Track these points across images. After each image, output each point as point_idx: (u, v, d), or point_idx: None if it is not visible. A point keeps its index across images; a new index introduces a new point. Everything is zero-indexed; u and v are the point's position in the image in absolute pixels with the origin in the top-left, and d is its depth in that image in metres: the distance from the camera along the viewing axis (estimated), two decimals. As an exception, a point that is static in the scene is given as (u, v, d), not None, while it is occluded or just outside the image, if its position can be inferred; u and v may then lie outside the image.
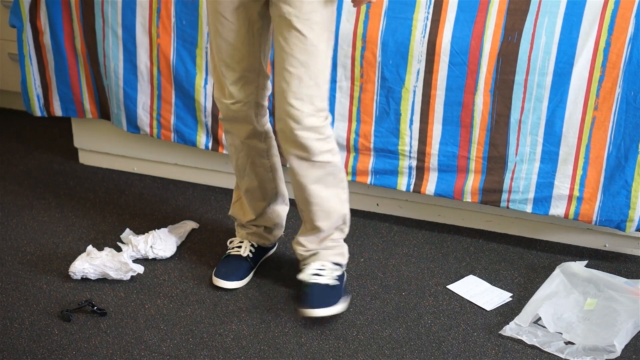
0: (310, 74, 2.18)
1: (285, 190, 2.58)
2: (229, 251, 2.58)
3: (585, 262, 2.58)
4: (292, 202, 2.96)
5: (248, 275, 2.55)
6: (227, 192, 3.02)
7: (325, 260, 2.43)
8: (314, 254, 2.43)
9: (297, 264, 2.63)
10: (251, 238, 2.59)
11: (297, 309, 2.37)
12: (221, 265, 2.54)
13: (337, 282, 2.41)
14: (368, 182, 2.76)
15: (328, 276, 2.40)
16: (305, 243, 2.43)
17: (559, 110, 2.51)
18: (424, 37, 2.55)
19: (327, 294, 2.37)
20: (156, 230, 2.67)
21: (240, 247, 2.57)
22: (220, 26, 2.25)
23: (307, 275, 2.40)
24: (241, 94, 2.32)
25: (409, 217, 2.89)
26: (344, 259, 2.48)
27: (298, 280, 2.42)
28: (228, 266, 2.54)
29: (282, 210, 2.59)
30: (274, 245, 2.68)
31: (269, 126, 2.45)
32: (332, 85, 2.67)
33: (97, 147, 3.15)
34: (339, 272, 2.44)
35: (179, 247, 2.69)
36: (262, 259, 2.63)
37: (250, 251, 2.57)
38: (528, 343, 2.30)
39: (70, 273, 2.51)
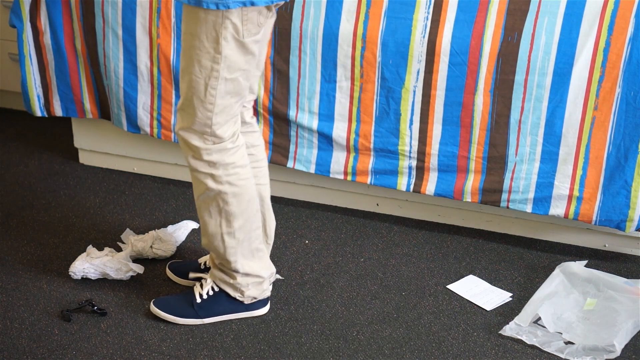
0: (186, 76, 2.13)
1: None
2: None
3: (585, 262, 2.58)
4: (288, 202, 2.96)
5: None
6: (227, 192, 3.02)
7: (212, 278, 2.37)
8: (210, 266, 2.42)
9: (296, 265, 2.63)
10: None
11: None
12: None
13: (199, 300, 2.36)
14: (368, 182, 2.76)
15: (199, 291, 2.37)
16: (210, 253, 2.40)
17: (559, 110, 2.51)
18: (424, 37, 2.55)
19: (182, 303, 2.37)
20: (156, 230, 2.67)
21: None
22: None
23: (193, 275, 2.45)
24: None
25: (409, 217, 2.89)
26: (232, 291, 2.35)
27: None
28: None
29: None
30: None
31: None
32: (332, 85, 2.67)
33: (97, 147, 3.15)
34: (212, 293, 2.36)
35: (179, 247, 2.69)
36: None
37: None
38: (528, 343, 2.30)
39: (70, 273, 2.51)
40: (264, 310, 2.40)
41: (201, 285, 2.38)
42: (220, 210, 2.24)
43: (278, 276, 2.51)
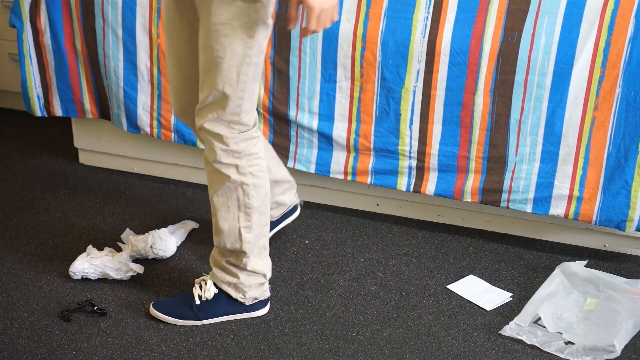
0: (209, 79, 2.14)
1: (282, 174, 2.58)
2: None
3: (585, 262, 2.58)
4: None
5: None
6: (227, 192, 3.02)
7: (213, 279, 2.37)
8: (211, 269, 2.39)
9: (296, 265, 2.64)
10: None
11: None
12: None
13: (198, 302, 2.35)
14: (368, 182, 2.76)
15: (198, 293, 2.37)
16: (213, 253, 2.39)
17: (559, 110, 2.51)
18: (424, 37, 2.55)
19: (181, 305, 2.37)
20: (156, 230, 2.67)
21: None
22: (171, 29, 2.24)
23: (197, 280, 2.40)
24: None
25: (409, 217, 2.89)
26: (234, 292, 2.35)
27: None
28: None
29: (275, 188, 2.58)
30: (283, 218, 2.67)
31: None
32: (332, 85, 2.67)
33: (97, 147, 3.15)
34: (210, 296, 2.35)
35: (179, 247, 2.69)
36: (273, 231, 2.65)
37: None
38: (528, 343, 2.30)
39: (70, 273, 2.51)
40: (264, 310, 2.40)
41: (200, 287, 2.38)
42: (239, 204, 2.25)
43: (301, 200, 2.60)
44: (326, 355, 2.27)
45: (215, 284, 2.37)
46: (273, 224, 2.66)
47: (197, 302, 2.36)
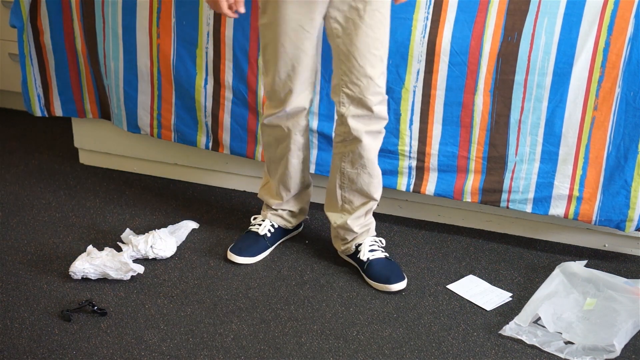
0: (385, 51, 2.38)
1: (309, 178, 2.66)
2: (249, 227, 2.69)
3: (585, 262, 2.58)
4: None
5: (262, 253, 2.64)
6: (227, 192, 3.02)
7: (372, 235, 2.61)
8: (365, 231, 2.58)
9: (296, 265, 2.63)
10: (274, 219, 2.68)
11: (377, 284, 2.52)
12: (238, 241, 2.65)
13: (387, 254, 2.60)
14: (368, 182, 2.76)
15: (380, 249, 2.58)
16: (354, 225, 2.55)
17: (559, 110, 2.51)
18: (424, 37, 2.55)
19: (390, 268, 2.54)
20: (156, 230, 2.67)
21: (260, 225, 2.67)
22: (296, 38, 2.33)
23: (366, 253, 2.56)
24: (304, 93, 2.43)
25: (409, 217, 2.89)
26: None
27: (359, 261, 2.56)
28: (244, 242, 2.64)
29: (307, 195, 2.68)
30: (297, 228, 2.77)
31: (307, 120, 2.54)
32: (332, 85, 2.67)
33: (97, 147, 3.15)
34: (383, 244, 2.62)
35: (179, 247, 2.70)
36: (282, 239, 2.72)
37: (269, 230, 2.66)
38: (528, 343, 2.30)
39: (70, 273, 2.51)
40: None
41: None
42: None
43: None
44: (326, 355, 2.27)
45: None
46: (285, 232, 2.72)
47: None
